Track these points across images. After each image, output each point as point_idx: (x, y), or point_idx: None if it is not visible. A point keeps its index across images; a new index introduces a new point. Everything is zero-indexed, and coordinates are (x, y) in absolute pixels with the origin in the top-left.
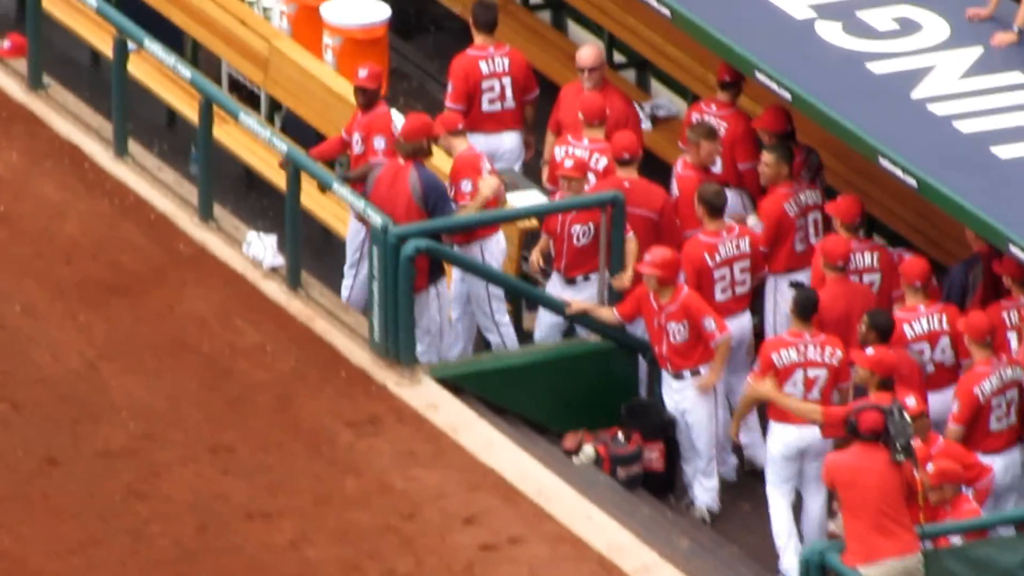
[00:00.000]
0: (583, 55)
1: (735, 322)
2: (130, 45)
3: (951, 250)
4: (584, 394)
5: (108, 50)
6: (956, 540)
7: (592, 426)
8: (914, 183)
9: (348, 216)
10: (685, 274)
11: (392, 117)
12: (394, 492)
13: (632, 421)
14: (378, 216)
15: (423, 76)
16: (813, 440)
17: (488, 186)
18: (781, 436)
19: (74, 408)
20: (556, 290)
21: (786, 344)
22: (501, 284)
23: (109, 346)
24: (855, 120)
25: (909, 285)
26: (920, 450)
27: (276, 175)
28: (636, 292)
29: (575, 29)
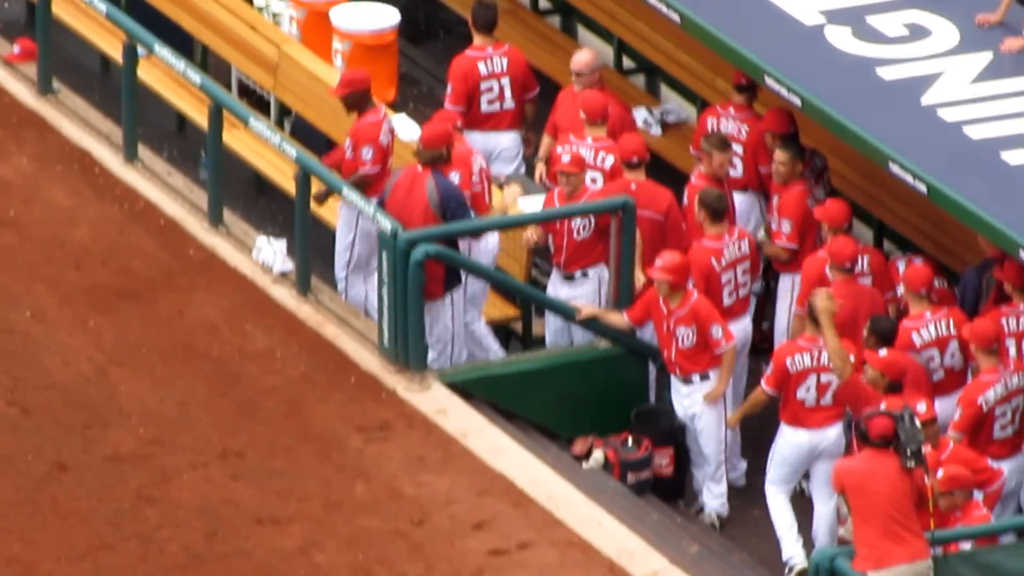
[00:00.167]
0: (575, 58)
1: (738, 326)
2: (140, 50)
3: (960, 255)
4: (594, 399)
5: (118, 55)
6: (966, 546)
7: (602, 431)
8: (924, 189)
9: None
10: (694, 280)
11: (382, 125)
12: (404, 497)
13: (642, 426)
14: (387, 221)
15: (433, 81)
16: (823, 441)
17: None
18: (791, 438)
19: (84, 413)
20: (554, 287)
21: (799, 350)
22: (509, 289)
23: (119, 351)
24: (865, 126)
25: (914, 292)
26: (930, 456)
27: (285, 180)
28: (646, 296)
29: (585, 34)
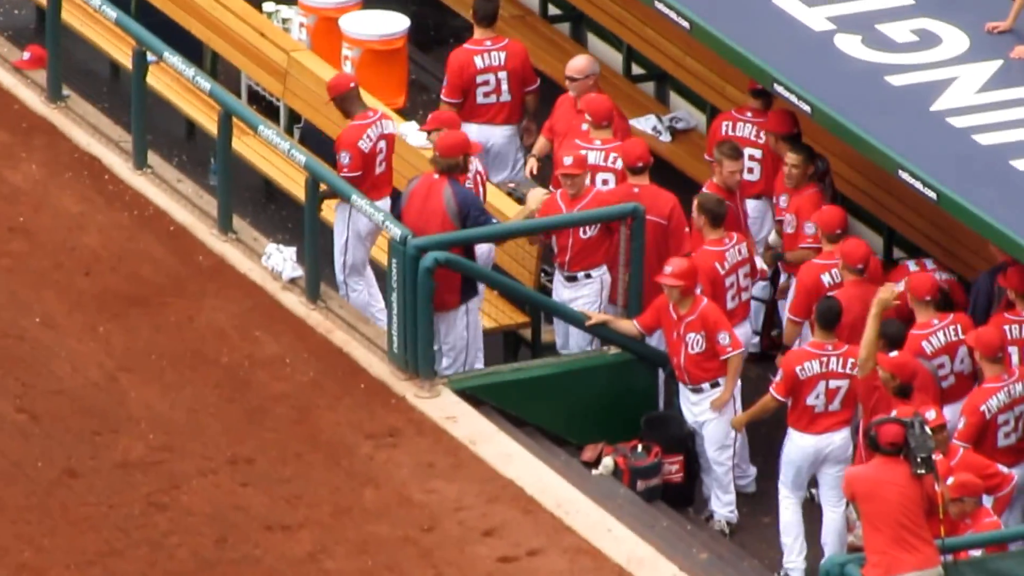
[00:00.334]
0: (570, 63)
1: (739, 331)
2: (149, 57)
3: (970, 262)
4: (603, 406)
5: (128, 62)
6: (976, 553)
7: (611, 438)
8: (934, 196)
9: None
10: (700, 286)
11: (365, 130)
12: (413, 504)
13: (652, 433)
14: (396, 228)
15: (441, 87)
16: (830, 446)
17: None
18: (798, 442)
19: (93, 419)
20: (556, 289)
21: (809, 356)
22: (518, 296)
23: (128, 357)
24: (874, 133)
25: (919, 300)
26: (940, 463)
27: (295, 187)
28: (656, 303)
29: (594, 41)
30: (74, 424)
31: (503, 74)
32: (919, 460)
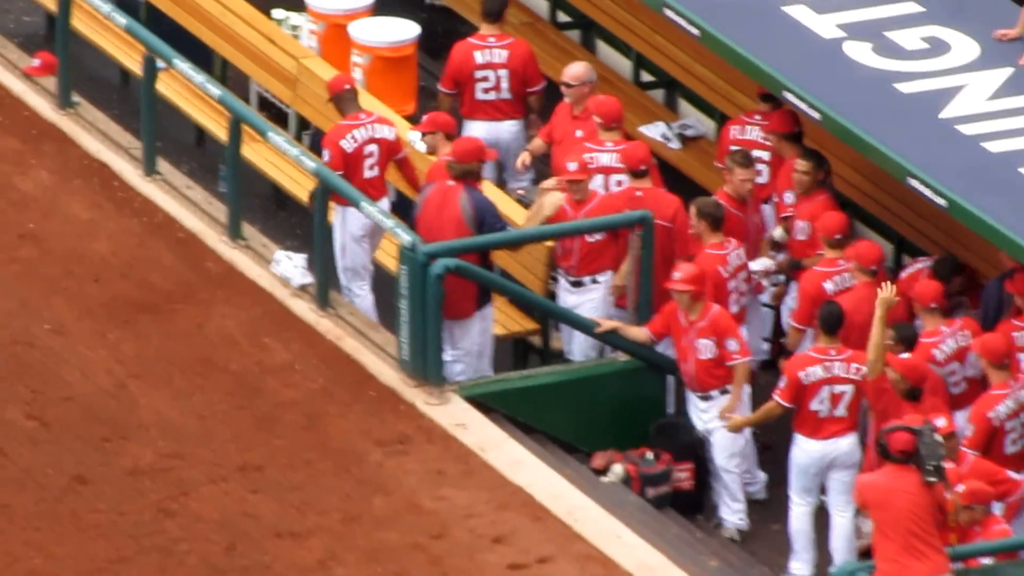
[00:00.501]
0: (566, 69)
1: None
2: (159, 64)
3: (981, 270)
4: (613, 413)
5: (137, 69)
6: (986, 561)
7: (621, 445)
8: (944, 203)
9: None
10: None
11: (350, 130)
12: (423, 511)
13: (662, 440)
14: (406, 235)
15: None
16: (836, 451)
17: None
18: (804, 448)
19: (103, 426)
20: (561, 295)
21: (812, 361)
22: (528, 302)
23: (138, 364)
24: (884, 140)
25: (925, 308)
26: (950, 471)
27: (304, 193)
28: (665, 310)
29: (604, 48)
30: (84, 431)
31: (503, 72)
32: (930, 468)
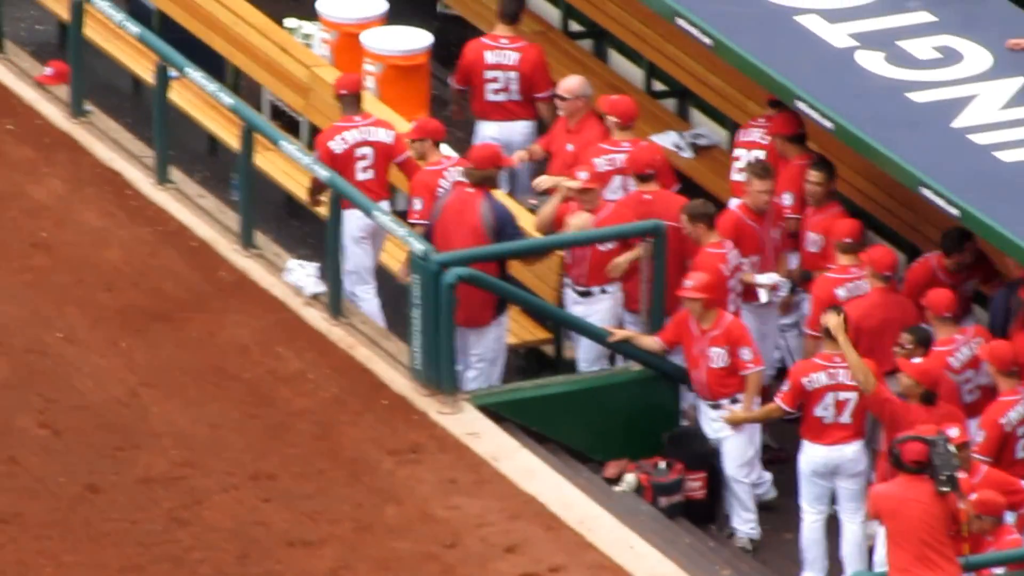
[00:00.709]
0: (562, 82)
1: None
2: (172, 72)
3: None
4: (626, 422)
5: (150, 77)
6: (999, 571)
7: (634, 454)
8: (956, 212)
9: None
10: None
11: (340, 132)
12: (435, 520)
13: (674, 450)
14: (418, 243)
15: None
16: (841, 458)
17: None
18: (809, 454)
19: (115, 435)
20: (568, 305)
21: (816, 368)
22: (539, 311)
23: (150, 373)
24: (896, 149)
25: (939, 317)
26: (963, 481)
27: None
28: (677, 318)
29: (616, 58)
30: (96, 439)
31: (513, 74)
32: (943, 478)
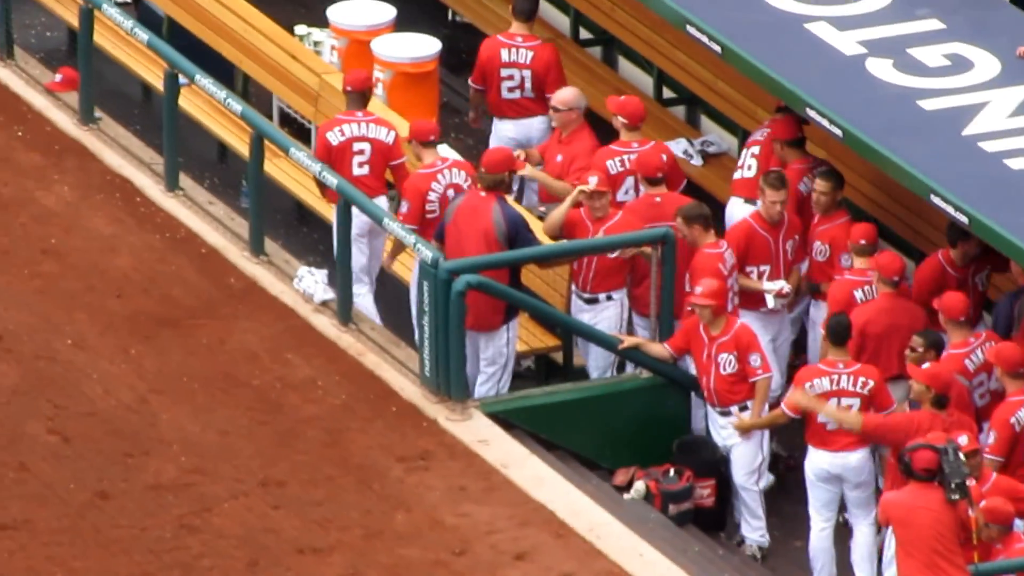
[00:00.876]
0: (557, 94)
1: None
2: (181, 79)
3: (1001, 286)
4: (635, 430)
5: (159, 84)
6: None
7: (643, 462)
8: (965, 220)
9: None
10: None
11: (337, 125)
12: (445, 528)
13: (684, 457)
14: (428, 250)
15: None
16: (845, 466)
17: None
18: (815, 460)
19: (125, 441)
20: (575, 311)
21: (819, 373)
22: (549, 319)
23: (160, 380)
24: (906, 157)
25: (953, 321)
26: (973, 488)
27: (326, 209)
28: (686, 325)
29: (625, 65)
30: (106, 446)
31: (527, 72)
32: (953, 486)
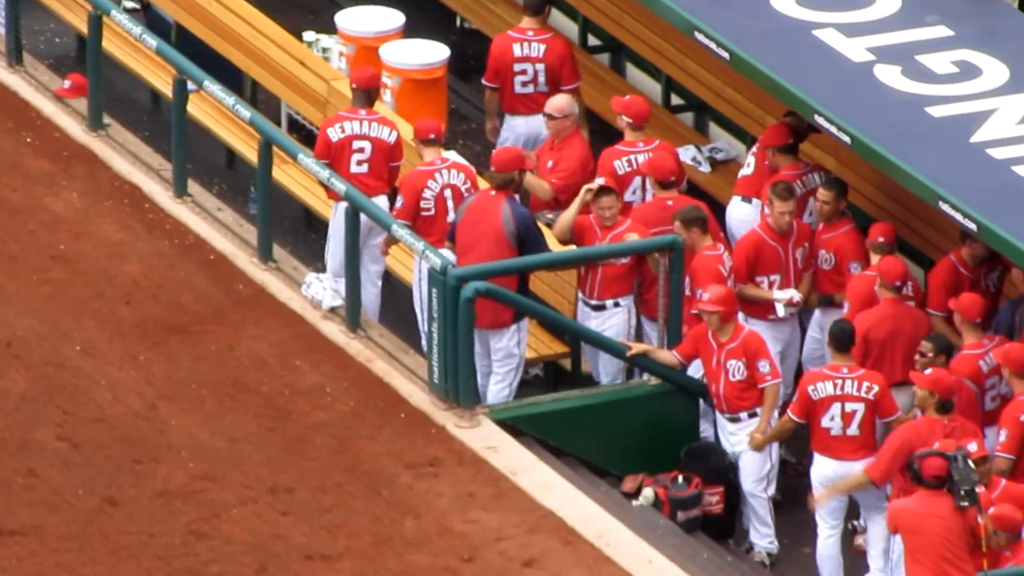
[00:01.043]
0: (550, 101)
1: None
2: (190, 86)
3: (1007, 293)
4: (644, 437)
5: (168, 91)
6: None
7: (652, 469)
8: (974, 227)
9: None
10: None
11: (338, 122)
12: (453, 534)
13: (692, 464)
14: (437, 257)
15: (482, 117)
16: (851, 473)
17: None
18: (820, 468)
19: (134, 448)
20: (581, 318)
21: (823, 377)
22: (557, 325)
23: (169, 386)
24: (914, 164)
25: (969, 322)
26: (982, 495)
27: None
28: (694, 332)
29: (633, 71)
30: (115, 452)
31: (540, 66)
32: (962, 493)
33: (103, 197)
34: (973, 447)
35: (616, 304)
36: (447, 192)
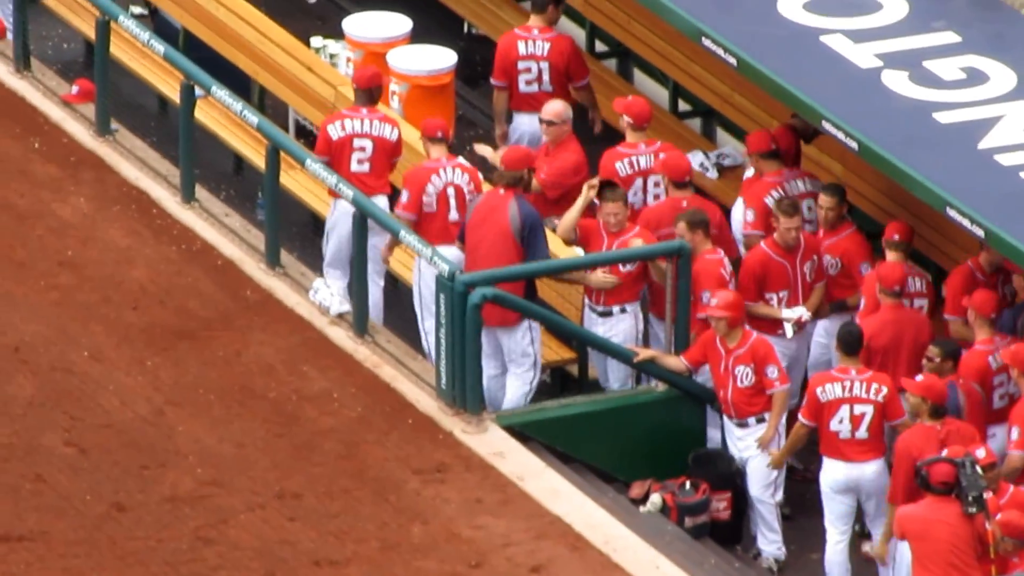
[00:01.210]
0: (547, 107)
1: None
2: (197, 91)
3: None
4: (651, 443)
5: (176, 96)
6: None
7: (659, 475)
8: (981, 233)
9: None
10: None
11: (337, 119)
12: (461, 540)
13: (700, 470)
14: (445, 264)
15: (490, 123)
16: (861, 477)
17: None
18: (830, 472)
19: (141, 453)
20: (588, 324)
21: (831, 379)
22: (565, 331)
23: (176, 392)
24: (922, 170)
25: (983, 318)
26: (991, 501)
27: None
28: (702, 338)
29: (641, 77)
30: (122, 458)
31: (544, 64)
32: (970, 499)
33: (111, 202)
34: (981, 453)
35: (623, 310)
36: (450, 190)
